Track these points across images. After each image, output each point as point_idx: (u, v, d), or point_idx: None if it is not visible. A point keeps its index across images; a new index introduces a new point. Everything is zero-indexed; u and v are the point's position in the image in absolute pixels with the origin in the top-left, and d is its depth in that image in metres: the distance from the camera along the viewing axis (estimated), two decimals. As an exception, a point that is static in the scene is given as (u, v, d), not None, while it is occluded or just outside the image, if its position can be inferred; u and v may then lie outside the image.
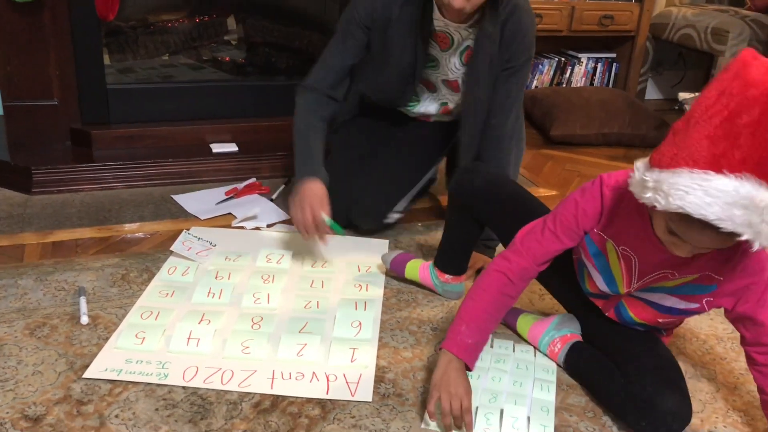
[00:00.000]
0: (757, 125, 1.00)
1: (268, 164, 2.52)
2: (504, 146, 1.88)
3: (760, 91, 0.99)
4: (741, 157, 1.01)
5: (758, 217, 1.02)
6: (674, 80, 3.93)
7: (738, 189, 1.00)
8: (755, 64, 1.01)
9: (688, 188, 1.02)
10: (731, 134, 1.01)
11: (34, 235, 2.01)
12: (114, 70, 2.65)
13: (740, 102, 1.00)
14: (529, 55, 1.80)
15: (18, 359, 1.46)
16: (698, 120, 1.04)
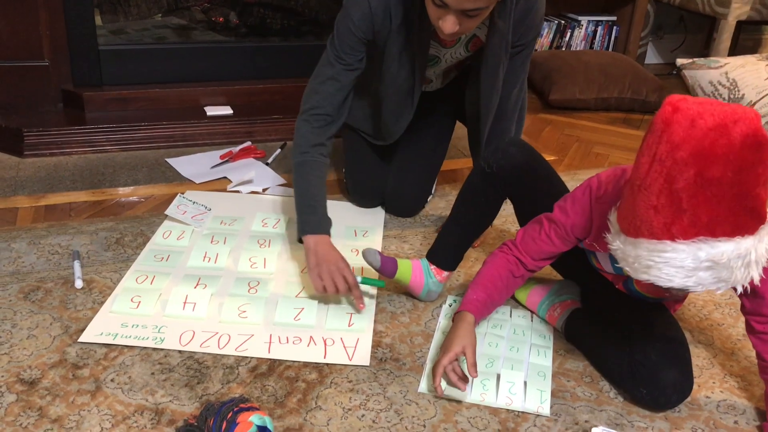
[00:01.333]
0: (695, 187, 0.99)
1: (263, 128, 2.49)
2: (507, 117, 1.84)
3: (688, 152, 0.98)
4: (689, 222, 1.01)
5: (726, 271, 1.04)
6: (675, 44, 3.88)
7: (696, 254, 1.02)
8: (676, 119, 0.99)
9: (650, 261, 1.05)
10: (673, 201, 1.01)
11: (27, 198, 1.98)
12: (106, 31, 2.60)
13: (671, 167, 1.00)
14: (537, 32, 1.73)
15: (12, 323, 1.45)
16: (639, 188, 1.05)
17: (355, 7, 1.60)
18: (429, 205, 2.06)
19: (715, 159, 0.98)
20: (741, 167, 0.98)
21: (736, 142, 0.97)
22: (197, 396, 1.28)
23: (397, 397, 1.32)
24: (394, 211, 1.99)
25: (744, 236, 1.03)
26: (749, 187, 1.00)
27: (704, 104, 1.00)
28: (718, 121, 0.98)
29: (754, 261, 1.04)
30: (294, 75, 2.64)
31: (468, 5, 1.39)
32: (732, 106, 1.00)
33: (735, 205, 1.01)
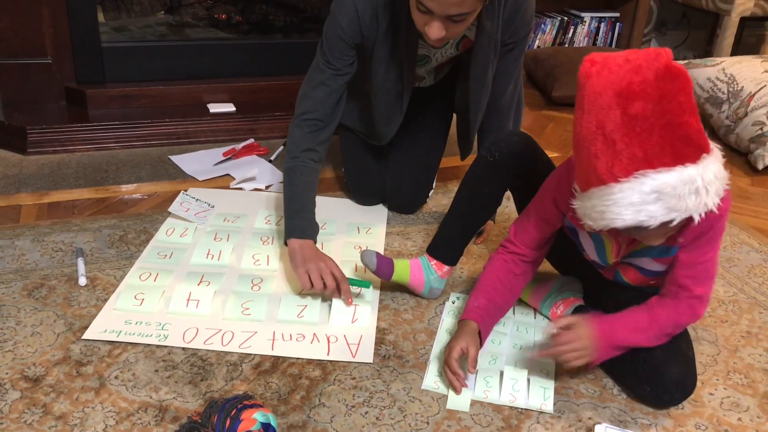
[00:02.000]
0: (623, 126, 1.03)
1: (266, 125, 2.49)
2: (503, 114, 1.83)
3: (609, 96, 1.02)
4: (627, 160, 1.05)
5: (674, 200, 1.05)
6: (678, 40, 3.87)
7: (640, 189, 1.05)
8: (594, 71, 1.04)
9: (602, 207, 1.09)
10: (608, 145, 1.05)
11: (31, 195, 1.99)
12: (108, 28, 2.60)
13: (598, 113, 1.04)
14: (528, 30, 1.72)
15: (17, 320, 1.45)
16: (579, 143, 1.09)
17: (342, 12, 1.60)
18: (431, 201, 2.06)
19: (634, 96, 1.02)
20: (660, 97, 1.01)
21: (651, 76, 1.01)
22: (201, 393, 1.29)
23: (400, 394, 1.32)
24: (394, 207, 1.99)
25: (685, 165, 1.05)
26: (675, 116, 1.03)
27: (618, 53, 1.05)
28: (631, 63, 1.02)
29: (702, 187, 1.05)
30: (297, 72, 2.61)
31: (452, 11, 1.39)
32: (641, 50, 1.05)
33: (666, 135, 1.03)
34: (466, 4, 1.38)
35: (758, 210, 2.21)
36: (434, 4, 1.38)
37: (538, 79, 3.20)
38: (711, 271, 1.27)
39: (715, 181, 1.07)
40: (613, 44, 3.61)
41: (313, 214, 1.66)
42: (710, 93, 2.67)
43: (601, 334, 1.27)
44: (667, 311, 1.28)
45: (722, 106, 2.62)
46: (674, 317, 1.28)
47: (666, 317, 1.28)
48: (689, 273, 1.26)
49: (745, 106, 2.52)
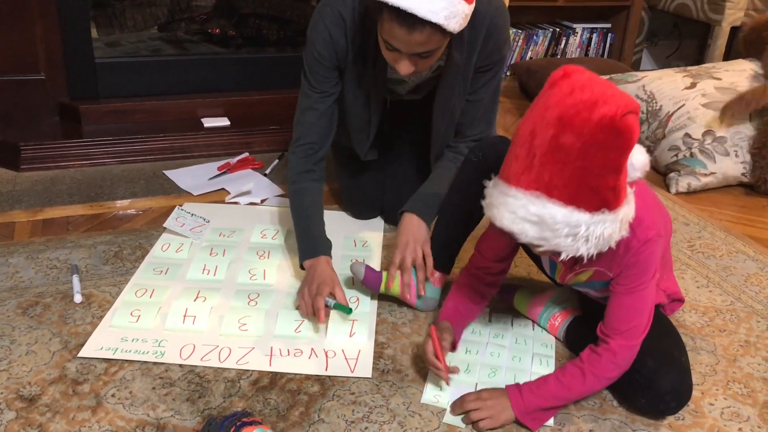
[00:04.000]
0: (548, 147, 1.06)
1: (261, 138, 2.48)
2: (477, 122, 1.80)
3: (554, 115, 1.05)
4: (534, 177, 1.08)
5: (550, 232, 1.10)
6: (669, 50, 3.90)
7: (527, 206, 1.09)
8: (560, 84, 1.06)
9: (496, 200, 1.14)
10: (528, 155, 1.08)
11: (24, 212, 1.97)
12: (102, 44, 2.60)
13: (538, 123, 1.07)
14: (501, 55, 1.71)
15: (11, 339, 1.44)
16: (515, 135, 1.12)
17: (316, 36, 1.65)
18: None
19: (571, 128, 1.04)
20: (591, 143, 1.04)
21: (595, 119, 1.02)
22: (199, 410, 1.27)
23: (400, 408, 1.31)
24: (393, 221, 1.98)
25: (579, 209, 1.08)
26: (594, 166, 1.05)
27: (594, 81, 1.06)
28: (592, 97, 1.03)
29: (583, 236, 1.09)
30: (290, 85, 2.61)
31: (418, 49, 1.44)
32: (618, 92, 1.06)
33: (577, 177, 1.06)
34: (431, 42, 1.43)
35: (753, 219, 2.22)
36: (400, 44, 1.43)
37: (530, 90, 3.21)
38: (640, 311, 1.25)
39: (601, 237, 1.11)
40: (606, 54, 3.63)
41: (320, 231, 1.67)
42: None
43: (515, 402, 1.26)
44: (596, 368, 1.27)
45: (642, 126, 2.56)
46: (597, 369, 1.27)
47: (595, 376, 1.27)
48: (619, 313, 1.26)
49: (663, 127, 2.47)
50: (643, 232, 1.20)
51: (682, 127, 2.42)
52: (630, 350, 1.25)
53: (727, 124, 2.37)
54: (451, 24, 1.41)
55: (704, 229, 2.08)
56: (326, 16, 1.64)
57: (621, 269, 1.24)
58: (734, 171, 2.36)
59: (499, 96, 1.81)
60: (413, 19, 1.37)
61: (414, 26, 1.39)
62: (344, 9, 1.62)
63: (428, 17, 1.37)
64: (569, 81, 1.06)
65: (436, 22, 1.38)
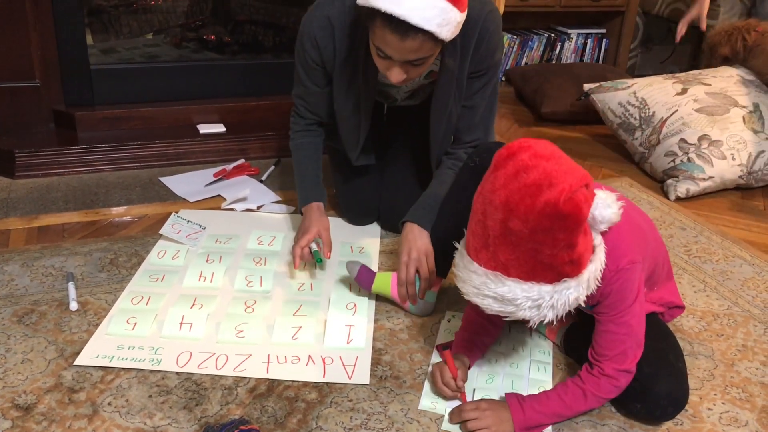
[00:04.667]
0: (500, 230, 1.08)
1: (257, 145, 2.48)
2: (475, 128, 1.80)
3: (501, 200, 1.07)
4: (490, 256, 1.11)
5: (512, 306, 1.12)
6: (664, 55, 3.91)
7: (487, 284, 1.12)
8: (505, 166, 1.08)
9: (462, 273, 1.16)
10: (483, 234, 1.11)
11: (19, 220, 1.97)
12: (97, 51, 2.59)
13: (488, 206, 1.09)
14: (494, 60, 1.71)
15: (6, 347, 1.43)
16: (472, 206, 1.15)
17: (305, 39, 1.69)
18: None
19: (518, 215, 1.05)
20: (537, 229, 1.05)
21: (538, 207, 1.04)
22: (196, 418, 1.27)
23: (398, 415, 1.30)
24: (389, 227, 1.98)
25: (539, 283, 1.10)
26: (545, 247, 1.07)
27: (540, 159, 1.06)
28: (536, 181, 1.04)
29: (547, 306, 1.11)
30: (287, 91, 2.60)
31: (411, 57, 1.45)
32: (566, 168, 1.06)
33: (531, 257, 1.08)
34: (424, 50, 1.44)
35: (749, 223, 2.22)
36: (393, 51, 1.44)
37: (526, 95, 3.22)
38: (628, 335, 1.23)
39: (566, 303, 1.12)
40: (601, 60, 3.64)
41: (314, 181, 1.79)
42: (622, 118, 2.60)
43: (516, 416, 1.25)
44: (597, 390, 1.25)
45: (635, 132, 2.56)
46: (597, 391, 1.26)
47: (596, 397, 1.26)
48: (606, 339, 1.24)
49: (657, 132, 2.47)
50: (614, 262, 1.19)
51: (677, 133, 2.42)
52: (627, 374, 1.24)
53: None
54: (444, 32, 1.42)
55: (701, 234, 2.09)
56: (314, 20, 1.66)
57: (599, 298, 1.23)
58: (731, 174, 2.36)
59: (495, 101, 1.81)
60: (406, 26, 1.38)
61: (407, 33, 1.39)
62: (333, 13, 1.63)
63: (421, 24, 1.38)
64: (514, 162, 1.07)
65: (429, 29, 1.39)
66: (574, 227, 1.06)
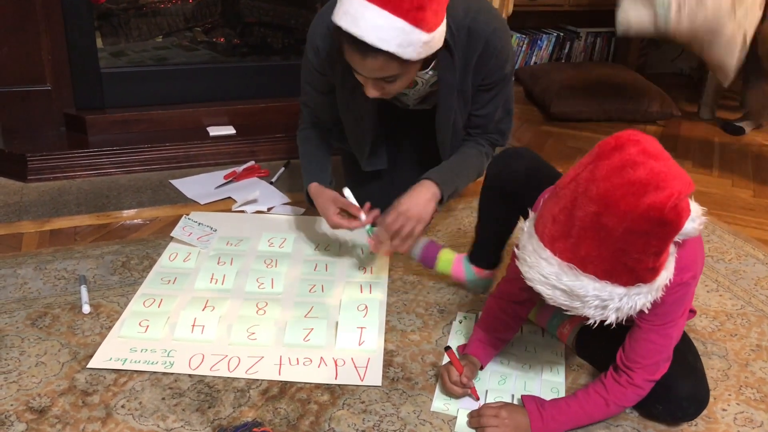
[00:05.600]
0: (589, 223, 1.03)
1: (267, 146, 2.49)
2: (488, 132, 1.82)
3: (599, 192, 1.01)
4: (570, 247, 1.06)
5: (579, 302, 1.08)
6: (674, 53, 3.89)
7: (560, 276, 1.07)
8: (611, 157, 1.01)
9: (529, 257, 1.11)
10: (567, 223, 1.05)
11: (32, 223, 1.98)
12: (107, 54, 2.60)
13: (581, 195, 1.03)
14: (503, 74, 1.70)
15: (20, 350, 1.44)
16: (554, 194, 1.10)
17: (308, 44, 1.71)
18: (435, 219, 2.06)
19: (615, 211, 1.00)
20: (633, 230, 1.00)
21: (641, 208, 0.99)
22: (209, 420, 1.27)
23: (410, 417, 1.30)
24: None
25: (614, 283, 1.06)
26: (634, 249, 1.02)
27: (648, 157, 1.00)
28: (644, 180, 0.99)
29: (614, 308, 1.08)
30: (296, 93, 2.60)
31: (377, 75, 1.47)
32: (674, 172, 1.01)
33: (615, 257, 1.04)
34: (389, 69, 1.45)
35: (762, 222, 2.21)
36: (359, 69, 1.47)
37: (535, 95, 3.21)
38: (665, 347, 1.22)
39: (633, 308, 1.09)
40: (610, 58, 3.63)
41: (315, 167, 1.79)
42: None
43: (535, 424, 1.24)
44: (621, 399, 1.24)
45: None
46: (621, 401, 1.25)
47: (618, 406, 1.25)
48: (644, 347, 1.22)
49: None
50: (678, 274, 1.14)
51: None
52: (653, 383, 1.23)
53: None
54: (407, 52, 1.41)
55: (713, 233, 2.07)
56: (316, 29, 1.68)
57: (651, 307, 1.18)
58: None
59: (511, 107, 1.82)
60: (365, 46, 1.40)
61: (367, 53, 1.41)
62: (332, 22, 1.63)
63: (378, 45, 1.39)
64: (621, 155, 1.00)
65: (388, 50, 1.39)
66: (669, 235, 1.03)
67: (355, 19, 1.38)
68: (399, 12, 1.37)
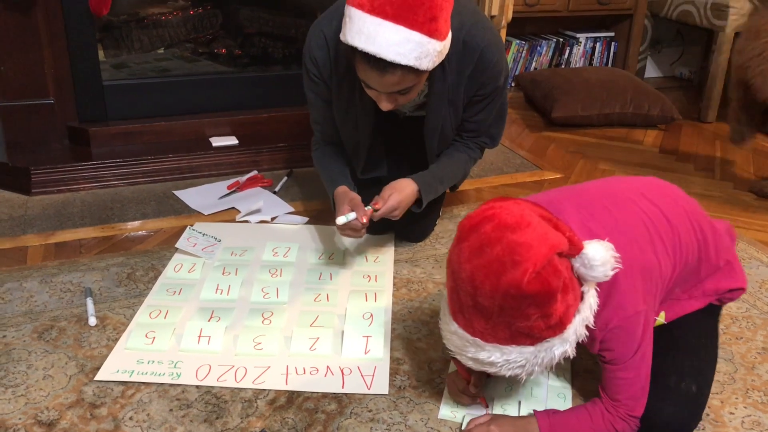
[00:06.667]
0: (470, 303, 1.05)
1: (269, 156, 2.49)
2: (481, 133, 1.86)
3: (467, 275, 1.04)
4: (466, 322, 1.08)
5: (494, 368, 1.10)
6: (673, 57, 3.90)
7: (467, 347, 1.10)
8: (471, 239, 1.04)
9: (445, 331, 1.14)
10: (458, 302, 1.08)
11: (37, 236, 1.98)
12: (109, 66, 2.61)
13: (457, 277, 1.06)
14: (496, 86, 1.73)
15: (28, 363, 1.44)
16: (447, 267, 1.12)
17: (305, 54, 1.71)
18: (437, 227, 2.06)
19: (483, 292, 1.03)
20: (506, 306, 1.02)
21: (503, 287, 1.01)
22: (217, 431, 1.27)
23: (418, 425, 1.30)
24: (403, 237, 1.98)
25: (520, 346, 1.07)
26: (518, 320, 1.04)
27: (504, 229, 1.02)
28: (499, 257, 1.01)
29: (530, 365, 1.09)
30: (298, 103, 2.64)
31: (394, 89, 1.49)
32: (535, 239, 1.02)
33: (505, 328, 1.05)
34: (406, 81, 1.47)
35: (765, 224, 2.21)
36: (375, 85, 1.48)
37: (536, 100, 3.22)
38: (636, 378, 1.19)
39: (553, 359, 1.09)
40: (610, 63, 3.64)
41: (335, 175, 1.79)
42: None
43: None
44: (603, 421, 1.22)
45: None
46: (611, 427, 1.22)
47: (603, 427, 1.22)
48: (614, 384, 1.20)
49: None
50: (615, 315, 1.14)
51: None
52: (637, 419, 1.21)
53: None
54: (424, 63, 1.44)
55: (716, 236, 2.07)
56: (312, 38, 1.69)
57: (600, 349, 1.19)
58: None
59: (504, 113, 1.86)
60: (384, 63, 1.41)
61: (386, 69, 1.42)
62: (329, 31, 1.64)
63: (398, 60, 1.40)
64: (477, 235, 1.04)
65: (407, 64, 1.41)
66: (545, 302, 1.03)
67: (370, 38, 1.39)
68: (414, 25, 1.38)
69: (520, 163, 2.61)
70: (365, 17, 1.39)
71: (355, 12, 1.41)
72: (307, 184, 2.35)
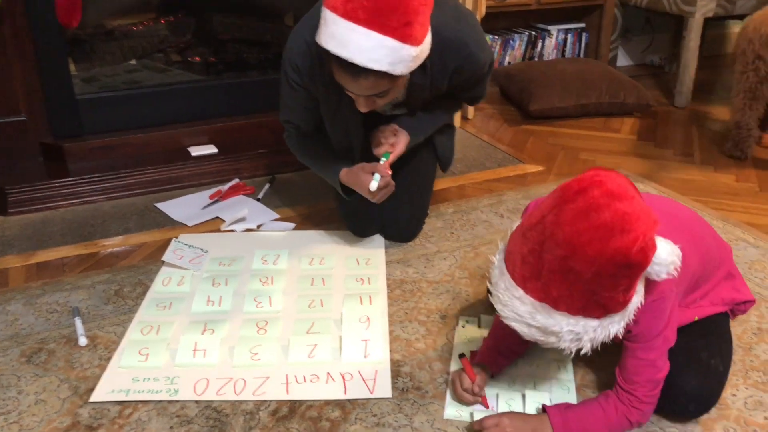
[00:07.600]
0: (557, 266, 1.03)
1: (249, 163, 2.46)
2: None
3: (565, 238, 1.01)
4: (541, 288, 1.06)
5: (555, 338, 1.09)
6: (643, 45, 3.93)
7: (534, 315, 1.08)
8: (577, 201, 1.02)
9: (504, 298, 1.11)
10: (536, 264, 1.05)
11: (17, 257, 1.93)
12: (80, 80, 2.56)
13: (548, 239, 1.03)
14: (482, 73, 1.77)
15: (18, 389, 1.40)
16: (522, 234, 1.09)
17: (286, 63, 1.69)
18: (426, 225, 2.05)
19: (583, 256, 1.01)
20: (601, 273, 1.01)
21: (608, 253, 1.00)
22: (220, 446, 1.25)
23: (424, 426, 1.29)
24: (392, 237, 1.97)
25: (587, 317, 1.07)
26: (604, 289, 1.04)
27: (613, 199, 1.00)
28: (608, 223, 0.99)
29: (588, 339, 1.09)
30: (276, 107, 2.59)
31: (369, 92, 1.48)
32: (638, 212, 1.01)
33: (585, 296, 1.04)
34: (380, 86, 1.47)
35: (747, 205, 2.23)
36: (350, 88, 1.49)
37: (512, 95, 3.22)
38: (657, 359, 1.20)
39: (607, 336, 1.09)
40: (582, 54, 3.66)
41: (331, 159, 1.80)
42: None
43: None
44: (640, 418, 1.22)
45: None
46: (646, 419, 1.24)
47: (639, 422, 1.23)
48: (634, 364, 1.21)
49: None
50: (648, 294, 1.15)
51: None
52: (658, 392, 1.22)
53: None
54: (398, 69, 1.43)
55: (702, 220, 2.09)
56: (293, 47, 1.67)
57: (629, 328, 1.18)
58: None
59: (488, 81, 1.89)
60: (356, 68, 1.40)
61: (358, 74, 1.42)
62: (311, 38, 1.61)
63: (370, 66, 1.39)
64: (585, 198, 1.01)
65: (380, 69, 1.40)
66: (637, 274, 1.04)
67: (342, 42, 1.37)
68: (387, 31, 1.37)
69: (502, 158, 2.61)
70: (338, 21, 1.38)
71: (329, 15, 1.39)
72: (290, 189, 2.33)
